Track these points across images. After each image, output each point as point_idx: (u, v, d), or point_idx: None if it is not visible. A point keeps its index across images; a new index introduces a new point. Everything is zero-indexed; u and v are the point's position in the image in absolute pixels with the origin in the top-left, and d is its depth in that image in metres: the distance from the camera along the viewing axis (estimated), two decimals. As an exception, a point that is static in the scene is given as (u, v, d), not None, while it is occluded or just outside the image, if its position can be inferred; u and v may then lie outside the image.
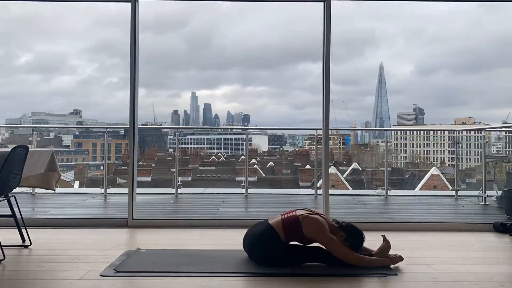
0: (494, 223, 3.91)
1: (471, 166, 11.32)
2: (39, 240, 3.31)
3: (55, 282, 2.45)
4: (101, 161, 20.19)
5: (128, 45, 3.99)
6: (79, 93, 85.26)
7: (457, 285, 2.43)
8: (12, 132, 19.77)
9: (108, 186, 5.94)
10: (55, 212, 4.83)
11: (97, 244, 3.25)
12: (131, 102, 4.00)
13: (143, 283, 2.47)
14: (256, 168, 15.66)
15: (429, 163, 24.61)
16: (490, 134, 9.50)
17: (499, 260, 3.03)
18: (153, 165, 15.75)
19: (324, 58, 3.97)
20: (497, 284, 2.43)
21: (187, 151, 19.64)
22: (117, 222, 3.97)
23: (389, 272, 2.59)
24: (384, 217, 5.03)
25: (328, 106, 4.02)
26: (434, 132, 28.95)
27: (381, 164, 12.60)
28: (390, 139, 24.66)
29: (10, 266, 2.72)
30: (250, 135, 28.36)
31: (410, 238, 3.58)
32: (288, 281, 2.47)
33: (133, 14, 3.96)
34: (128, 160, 4.21)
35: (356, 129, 61.08)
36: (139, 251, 3.03)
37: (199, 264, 2.74)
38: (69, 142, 32.47)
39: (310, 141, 26.15)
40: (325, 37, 3.96)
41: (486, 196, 5.58)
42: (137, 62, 3.99)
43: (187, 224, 4.01)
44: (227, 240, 3.43)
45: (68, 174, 13.22)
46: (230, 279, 2.49)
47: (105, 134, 6.65)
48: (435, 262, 2.83)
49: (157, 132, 35.92)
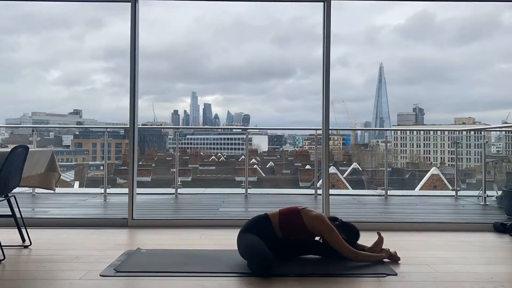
0: (494, 223, 3.91)
1: (471, 166, 11.30)
2: (39, 240, 3.31)
3: (55, 282, 2.45)
4: (101, 161, 20.19)
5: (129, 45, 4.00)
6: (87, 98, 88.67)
7: (457, 285, 2.42)
8: (12, 132, 19.75)
9: (108, 186, 5.94)
10: (55, 212, 4.83)
11: (97, 244, 3.25)
12: (131, 102, 4.00)
13: (143, 283, 2.47)
14: (256, 168, 15.67)
15: (429, 163, 24.62)
16: (490, 134, 9.50)
17: (499, 260, 3.03)
18: (153, 165, 15.76)
19: (324, 58, 3.97)
20: (497, 284, 2.43)
21: (187, 151, 19.65)
22: (117, 222, 3.97)
23: (389, 272, 2.59)
24: (384, 217, 5.02)
25: (328, 106, 4.02)
26: (434, 132, 28.96)
27: (381, 164, 12.59)
28: (390, 139, 24.66)
29: (10, 266, 2.72)
30: (250, 135, 28.36)
31: (410, 238, 3.58)
32: (288, 281, 2.47)
33: (133, 14, 3.96)
34: (128, 160, 4.21)
35: (356, 129, 61.20)
36: (140, 251, 3.03)
37: (199, 264, 2.74)
38: (69, 142, 32.50)
39: (310, 141, 26.18)
40: (325, 37, 3.97)
41: (486, 196, 5.58)
42: (137, 62, 3.99)
43: (187, 224, 4.01)
44: (227, 240, 3.42)
45: (68, 174, 13.22)
46: (230, 279, 2.48)
47: (105, 134, 6.65)
48: (435, 262, 2.83)
49: (157, 132, 35.96)
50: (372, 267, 2.69)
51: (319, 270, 2.64)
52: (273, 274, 2.53)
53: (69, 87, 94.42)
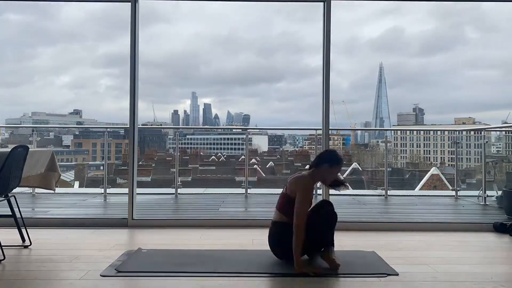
0: (494, 223, 3.91)
1: (471, 166, 11.30)
2: (39, 240, 3.31)
3: (55, 282, 2.45)
4: (101, 161, 20.17)
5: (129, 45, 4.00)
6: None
7: (457, 285, 2.43)
8: (12, 132, 19.76)
9: (108, 186, 5.94)
10: (55, 212, 4.82)
11: (97, 244, 3.25)
12: (131, 102, 4.00)
13: (143, 283, 2.47)
14: (256, 168, 15.64)
15: (429, 163, 24.62)
16: (490, 134, 9.50)
17: (499, 260, 3.03)
18: (153, 165, 15.72)
19: (324, 58, 3.97)
20: (497, 284, 2.43)
21: (187, 151, 19.62)
22: (117, 222, 3.97)
23: (389, 272, 2.60)
24: (384, 217, 5.02)
25: (328, 106, 4.02)
26: (434, 132, 28.96)
27: (381, 164, 12.58)
28: (390, 139, 24.66)
29: (10, 266, 2.72)
30: (250, 135, 28.34)
31: (410, 238, 3.58)
32: (288, 281, 2.47)
33: (133, 14, 3.97)
34: (128, 160, 4.21)
35: (356, 129, 61.19)
36: (141, 251, 3.03)
37: (199, 264, 2.74)
38: (69, 142, 32.49)
39: (310, 141, 26.16)
40: (325, 37, 3.97)
41: (486, 196, 5.58)
42: (137, 62, 3.99)
43: (187, 224, 4.01)
44: (227, 240, 3.43)
45: (68, 174, 13.19)
46: (230, 279, 2.48)
47: (105, 134, 6.65)
48: (435, 262, 2.83)
49: (157, 132, 35.93)
50: (373, 267, 2.69)
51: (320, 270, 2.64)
52: (274, 274, 2.53)
53: (74, 89, 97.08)
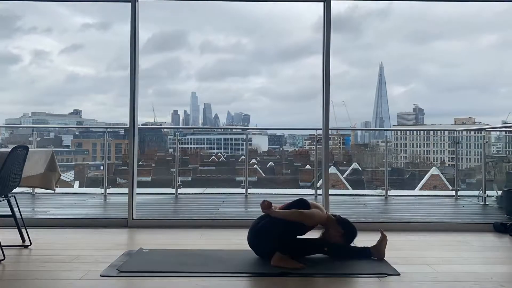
0: (494, 223, 3.91)
1: (471, 166, 11.29)
2: (39, 240, 3.31)
3: (55, 282, 2.45)
4: (101, 161, 20.15)
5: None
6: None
7: (457, 285, 2.43)
8: (12, 132, 19.74)
9: (108, 186, 5.94)
10: (55, 212, 4.83)
11: (97, 244, 3.25)
12: (131, 102, 4.00)
13: (143, 283, 2.47)
14: (256, 168, 15.63)
15: (429, 163, 24.57)
16: (490, 134, 9.49)
17: (499, 260, 3.03)
18: (153, 165, 15.70)
19: (324, 58, 3.97)
20: (497, 284, 2.43)
21: (187, 151, 19.60)
22: (117, 222, 3.97)
23: (389, 272, 2.60)
24: (384, 217, 5.03)
25: (328, 106, 4.02)
26: (434, 132, 28.94)
27: (381, 164, 12.56)
28: (390, 139, 24.64)
29: (10, 266, 2.72)
30: (250, 135, 28.34)
31: (410, 238, 3.58)
32: (288, 281, 2.47)
33: (133, 14, 3.97)
34: (128, 160, 4.21)
35: (356, 129, 61.10)
36: (142, 251, 3.03)
37: (199, 264, 2.74)
38: (69, 142, 32.45)
39: (310, 141, 26.13)
40: (325, 37, 3.97)
41: (486, 196, 5.59)
42: (137, 62, 3.99)
43: (187, 224, 4.01)
44: (227, 240, 3.43)
45: (68, 174, 13.18)
46: (230, 279, 2.49)
47: (105, 134, 6.65)
48: (435, 262, 2.83)
49: (157, 132, 35.89)
50: (373, 267, 2.70)
51: (320, 270, 2.64)
52: (274, 274, 2.53)
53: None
